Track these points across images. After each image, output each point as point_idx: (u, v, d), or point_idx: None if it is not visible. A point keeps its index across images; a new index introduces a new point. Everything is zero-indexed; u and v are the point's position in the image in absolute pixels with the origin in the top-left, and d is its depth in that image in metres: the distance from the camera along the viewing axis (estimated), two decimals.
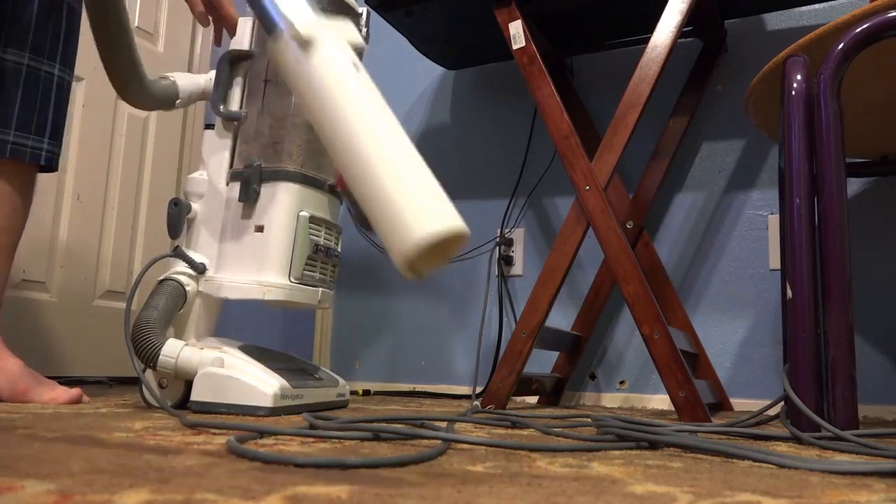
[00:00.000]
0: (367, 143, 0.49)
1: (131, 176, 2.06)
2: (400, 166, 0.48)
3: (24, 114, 1.13)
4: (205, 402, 1.04)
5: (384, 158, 0.48)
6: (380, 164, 0.48)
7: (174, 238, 1.19)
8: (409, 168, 0.48)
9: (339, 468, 0.53)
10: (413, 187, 0.47)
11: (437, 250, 0.47)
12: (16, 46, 1.12)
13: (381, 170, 0.48)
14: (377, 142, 0.49)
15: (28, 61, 1.13)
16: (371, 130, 0.49)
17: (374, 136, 0.49)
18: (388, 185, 0.47)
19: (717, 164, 1.79)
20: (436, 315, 2.03)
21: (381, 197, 0.47)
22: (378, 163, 0.48)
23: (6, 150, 1.11)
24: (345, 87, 0.51)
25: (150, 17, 2.14)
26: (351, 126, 0.50)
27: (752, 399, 1.65)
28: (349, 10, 1.26)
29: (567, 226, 1.39)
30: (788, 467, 0.62)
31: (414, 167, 0.48)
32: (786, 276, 1.03)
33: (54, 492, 0.41)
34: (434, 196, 0.47)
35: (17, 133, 1.12)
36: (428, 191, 0.47)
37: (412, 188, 0.47)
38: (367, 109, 0.50)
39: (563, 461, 0.63)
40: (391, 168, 0.48)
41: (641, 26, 1.75)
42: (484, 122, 2.08)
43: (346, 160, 0.50)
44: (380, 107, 0.51)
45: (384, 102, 0.52)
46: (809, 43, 1.11)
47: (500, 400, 1.38)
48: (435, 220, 0.46)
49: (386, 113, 0.51)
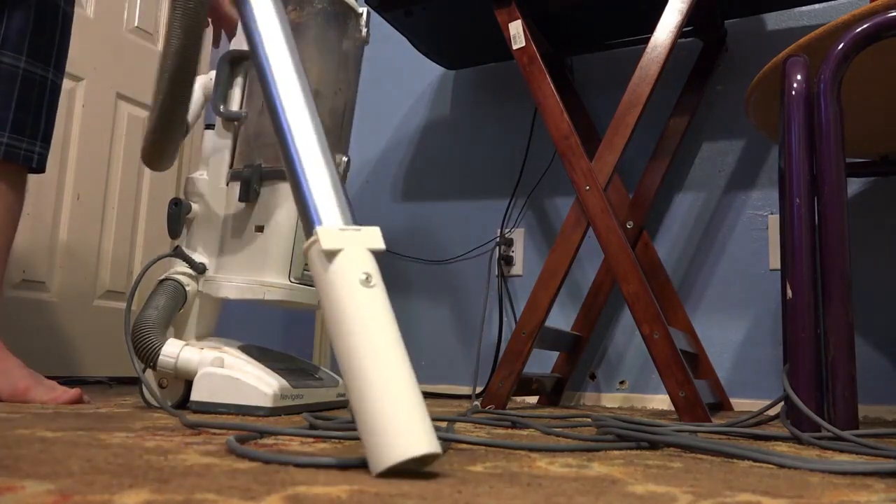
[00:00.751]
0: (362, 361, 0.54)
1: (131, 176, 2.06)
2: (384, 389, 0.52)
3: (20, 116, 1.14)
4: (205, 402, 1.04)
5: (372, 380, 0.53)
6: (367, 385, 0.53)
7: (174, 238, 1.19)
8: (392, 392, 0.52)
9: (339, 468, 0.53)
10: (392, 412, 0.51)
11: (408, 466, 0.51)
12: (12, 50, 1.13)
13: (367, 391, 0.52)
14: (370, 361, 0.53)
15: (24, 65, 1.14)
16: (365, 349, 0.54)
17: (367, 356, 0.54)
18: (369, 406, 0.52)
19: (717, 164, 1.79)
20: (436, 315, 2.03)
21: (363, 413, 0.52)
22: (366, 384, 0.53)
23: (0, 150, 1.11)
24: (350, 301, 0.56)
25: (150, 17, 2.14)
26: (350, 340, 0.55)
27: (752, 399, 1.65)
28: (349, 10, 1.26)
29: (567, 226, 1.39)
30: (788, 467, 0.62)
31: (398, 390, 0.52)
32: (786, 276, 1.03)
33: (54, 492, 0.41)
34: (410, 420, 0.51)
35: (12, 135, 1.12)
36: (405, 416, 0.51)
37: (390, 413, 0.51)
38: (365, 327, 0.55)
39: (563, 461, 0.63)
40: (375, 391, 0.52)
41: (641, 26, 1.75)
42: (484, 122, 2.08)
43: (344, 370, 0.55)
44: (378, 326, 0.55)
45: (387, 319, 0.56)
46: (809, 43, 1.11)
47: (500, 400, 1.38)
48: (402, 448, 0.50)
49: (383, 333, 0.55)
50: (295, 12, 1.20)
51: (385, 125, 2.21)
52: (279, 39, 0.71)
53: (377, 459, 0.50)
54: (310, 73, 1.19)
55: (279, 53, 0.71)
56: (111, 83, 1.99)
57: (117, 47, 2.02)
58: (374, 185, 2.18)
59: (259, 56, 0.71)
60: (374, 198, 2.17)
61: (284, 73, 0.69)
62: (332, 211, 0.62)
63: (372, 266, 0.58)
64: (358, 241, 0.59)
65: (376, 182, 2.18)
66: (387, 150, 2.19)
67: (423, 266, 2.07)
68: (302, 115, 0.67)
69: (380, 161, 2.19)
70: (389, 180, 2.17)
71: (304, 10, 1.20)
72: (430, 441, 0.51)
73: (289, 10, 1.20)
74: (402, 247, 2.11)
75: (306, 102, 0.68)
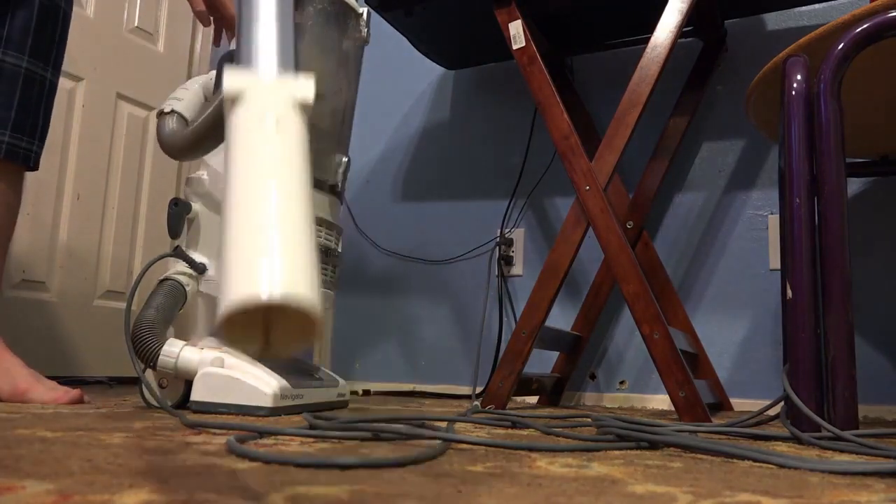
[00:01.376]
0: (242, 191, 0.41)
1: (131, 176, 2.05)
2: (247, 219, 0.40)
3: (20, 116, 1.14)
4: (205, 402, 1.04)
5: (246, 209, 0.40)
6: (232, 217, 0.40)
7: (174, 238, 1.19)
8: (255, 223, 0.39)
9: (339, 468, 0.53)
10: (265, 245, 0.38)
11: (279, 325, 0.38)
12: (15, 49, 1.13)
13: (229, 223, 0.40)
14: (251, 193, 0.41)
15: (26, 64, 1.14)
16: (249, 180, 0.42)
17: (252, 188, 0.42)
18: (237, 233, 0.39)
19: (717, 164, 1.79)
20: (436, 315, 2.03)
21: (226, 243, 0.39)
22: (239, 211, 0.40)
23: (2, 149, 1.12)
24: (246, 142, 0.44)
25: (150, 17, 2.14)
26: (232, 179, 0.42)
27: (752, 399, 1.65)
28: (349, 10, 1.26)
29: (567, 226, 1.39)
30: (788, 467, 0.62)
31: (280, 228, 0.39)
32: (786, 276, 1.03)
33: (54, 492, 0.41)
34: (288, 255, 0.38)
35: (13, 134, 1.13)
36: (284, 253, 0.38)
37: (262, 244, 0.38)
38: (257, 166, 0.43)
39: (563, 461, 0.63)
40: (237, 220, 0.40)
41: (641, 26, 1.75)
42: (484, 122, 2.08)
43: (224, 206, 0.42)
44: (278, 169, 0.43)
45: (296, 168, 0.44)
46: (809, 43, 1.11)
47: (500, 400, 1.38)
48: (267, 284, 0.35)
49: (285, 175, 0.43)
50: (295, 12, 1.20)
51: (385, 125, 2.21)
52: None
53: (225, 299, 0.35)
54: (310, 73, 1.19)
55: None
56: (111, 83, 1.99)
57: (117, 47, 2.02)
58: (374, 185, 2.18)
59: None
60: (374, 198, 2.17)
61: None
62: (264, 56, 0.51)
63: (290, 113, 0.47)
64: (274, 87, 0.48)
65: (376, 182, 2.18)
66: (387, 150, 2.19)
67: (423, 266, 2.07)
68: None
69: (380, 161, 2.19)
70: (389, 180, 2.17)
71: (305, 10, 1.20)
72: (305, 289, 0.36)
73: None
74: (402, 247, 2.11)
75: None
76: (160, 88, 2.12)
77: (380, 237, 2.14)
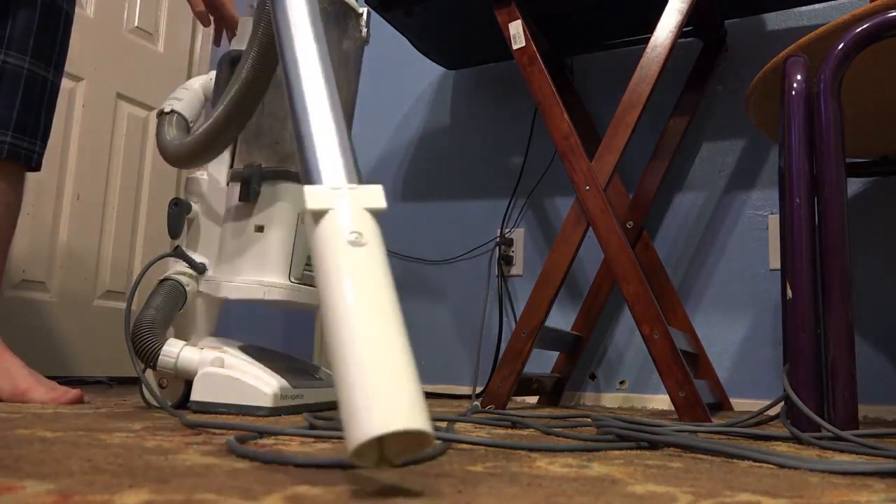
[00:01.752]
0: (343, 324, 0.46)
1: (131, 176, 2.05)
2: (367, 354, 0.45)
3: (22, 116, 1.14)
4: (205, 402, 1.04)
5: (353, 346, 0.45)
6: (347, 350, 0.45)
7: (174, 238, 1.19)
8: (376, 357, 0.45)
9: (339, 468, 0.53)
10: (373, 380, 0.44)
11: (392, 444, 0.44)
12: (17, 50, 1.13)
13: (346, 357, 0.45)
14: (353, 324, 0.46)
15: (28, 65, 1.14)
16: (349, 310, 0.47)
17: (350, 318, 0.46)
18: (348, 373, 0.44)
19: (717, 164, 1.79)
20: (436, 315, 2.03)
21: (341, 383, 0.45)
22: (346, 349, 0.45)
23: (4, 150, 1.12)
24: (335, 262, 0.49)
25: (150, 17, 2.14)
26: (333, 303, 0.47)
27: (752, 399, 1.65)
28: (349, 10, 1.26)
29: (567, 226, 1.39)
30: (788, 467, 0.62)
31: (384, 356, 0.45)
32: (786, 276, 1.03)
33: (54, 492, 0.41)
34: (395, 389, 0.44)
35: (15, 134, 1.13)
36: (389, 384, 0.44)
37: (371, 380, 0.44)
38: (351, 288, 0.48)
39: (563, 461, 0.63)
40: (356, 356, 0.45)
41: (641, 26, 1.75)
42: (484, 122, 2.07)
43: (327, 339, 0.48)
44: (367, 287, 0.48)
45: (379, 280, 0.49)
46: (809, 43, 1.11)
47: (500, 400, 1.38)
48: (381, 420, 0.42)
49: (372, 293, 0.48)
50: None
51: (385, 125, 2.21)
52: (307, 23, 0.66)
53: (353, 434, 0.42)
54: None
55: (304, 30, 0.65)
56: (111, 83, 1.99)
57: (117, 47, 2.02)
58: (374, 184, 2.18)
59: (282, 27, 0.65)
60: None
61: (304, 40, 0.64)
62: (333, 169, 0.56)
63: (367, 225, 0.51)
64: (351, 199, 0.53)
65: (376, 182, 2.18)
66: (387, 150, 2.19)
67: (423, 266, 2.07)
68: (315, 71, 0.62)
69: (380, 161, 2.19)
70: (389, 180, 2.17)
71: None
72: (419, 417, 0.43)
73: None
74: (402, 247, 2.11)
75: (322, 66, 0.63)
76: (160, 88, 2.12)
77: None
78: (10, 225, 1.16)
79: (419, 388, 0.45)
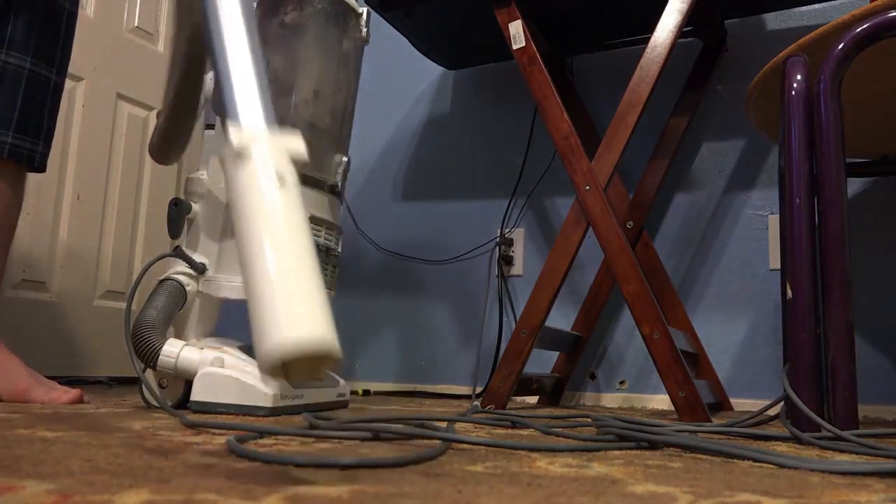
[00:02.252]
0: (259, 250, 0.49)
1: (131, 176, 2.05)
2: (281, 275, 0.48)
3: (24, 117, 1.14)
4: (205, 402, 1.04)
5: (263, 268, 0.48)
6: (257, 272, 0.48)
7: (174, 238, 1.19)
8: (290, 278, 0.48)
9: (339, 468, 0.53)
10: (288, 296, 0.47)
11: (297, 364, 0.46)
12: (18, 50, 1.13)
13: (256, 278, 0.48)
14: (267, 250, 0.49)
15: (30, 65, 1.14)
16: (266, 240, 0.50)
17: (267, 245, 0.49)
18: (256, 293, 0.48)
19: (717, 164, 1.79)
20: (436, 315, 2.03)
21: (252, 303, 0.48)
22: (256, 272, 0.49)
23: (4, 150, 1.11)
24: (260, 202, 0.52)
25: (150, 17, 2.14)
26: (252, 236, 0.50)
27: (752, 399, 1.65)
28: (349, 10, 1.26)
29: (567, 226, 1.39)
30: (788, 467, 0.62)
31: (298, 279, 0.48)
32: (786, 276, 1.03)
33: (54, 492, 0.41)
34: (307, 308, 0.47)
35: (16, 135, 1.13)
36: (302, 302, 0.47)
37: (287, 296, 0.47)
38: (273, 225, 0.51)
39: (563, 461, 0.63)
40: (264, 277, 0.48)
41: (641, 26, 1.75)
42: (484, 122, 2.07)
43: (242, 265, 0.51)
44: (288, 225, 0.51)
45: (298, 221, 0.52)
46: (809, 43, 1.11)
47: (500, 400, 1.38)
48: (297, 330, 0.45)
49: (291, 230, 0.51)
50: (295, 12, 1.20)
51: (385, 125, 2.21)
52: None
53: (263, 353, 0.46)
54: (309, 72, 1.19)
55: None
56: (111, 83, 1.99)
57: (117, 47, 2.02)
58: (374, 185, 2.18)
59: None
60: (374, 198, 2.17)
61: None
62: (252, 110, 0.57)
63: (288, 168, 0.54)
64: (275, 142, 0.55)
65: (376, 182, 2.18)
66: (387, 150, 2.19)
67: (423, 266, 2.07)
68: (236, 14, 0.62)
69: (380, 161, 2.19)
70: (389, 180, 2.17)
71: (304, 10, 1.20)
72: (322, 331, 0.46)
73: (289, 11, 1.20)
74: (402, 247, 2.11)
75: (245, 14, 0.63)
76: (160, 88, 2.12)
77: (380, 237, 2.14)
78: (10, 225, 1.16)
79: (327, 310, 0.48)
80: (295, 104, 1.17)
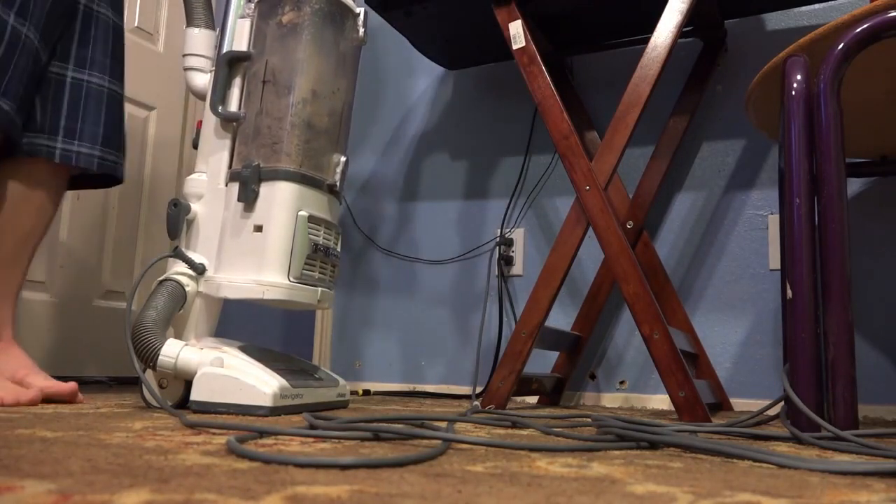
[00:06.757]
0: None
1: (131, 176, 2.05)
2: None
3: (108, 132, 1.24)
4: (205, 402, 1.04)
5: None
6: None
7: (174, 238, 1.19)
8: None
9: (339, 468, 0.53)
10: None
11: None
12: (99, 70, 1.24)
13: None
14: None
15: (108, 84, 1.26)
16: None
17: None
18: None
19: (717, 164, 1.79)
20: (436, 315, 2.03)
21: None
22: None
23: (93, 163, 1.21)
24: None
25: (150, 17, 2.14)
26: None
27: (752, 399, 1.65)
28: (346, 11, 1.26)
29: (567, 226, 1.39)
30: (788, 467, 0.62)
31: None
32: (786, 276, 1.03)
33: (54, 492, 0.41)
34: None
35: (103, 149, 1.24)
36: None
37: None
38: None
39: (563, 461, 0.63)
40: None
41: (641, 26, 1.75)
42: (484, 122, 2.08)
43: None
44: None
45: None
46: (809, 43, 1.11)
47: (500, 400, 1.38)
48: None
49: None
50: (292, 12, 1.20)
51: (385, 125, 2.21)
52: None
53: None
54: (307, 72, 1.19)
55: None
56: None
57: None
58: (374, 185, 2.18)
59: None
60: (374, 198, 2.17)
61: None
62: None
63: None
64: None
65: (376, 182, 2.18)
66: (386, 150, 2.19)
67: (423, 266, 2.07)
68: None
69: (379, 161, 2.19)
70: (389, 180, 2.17)
71: (302, 10, 1.20)
72: None
73: (286, 11, 1.20)
74: (402, 247, 2.11)
75: None
76: (160, 88, 2.12)
77: (380, 237, 2.14)
78: (39, 232, 1.24)
79: None
80: (293, 104, 1.17)
